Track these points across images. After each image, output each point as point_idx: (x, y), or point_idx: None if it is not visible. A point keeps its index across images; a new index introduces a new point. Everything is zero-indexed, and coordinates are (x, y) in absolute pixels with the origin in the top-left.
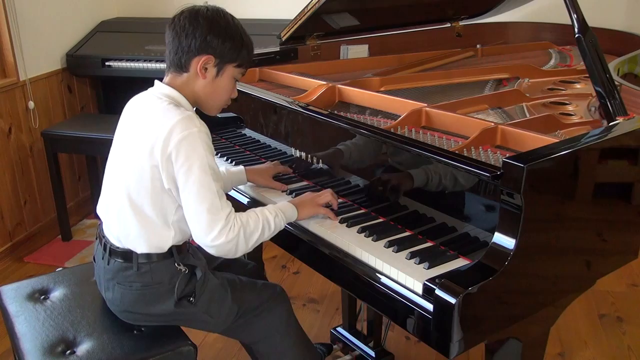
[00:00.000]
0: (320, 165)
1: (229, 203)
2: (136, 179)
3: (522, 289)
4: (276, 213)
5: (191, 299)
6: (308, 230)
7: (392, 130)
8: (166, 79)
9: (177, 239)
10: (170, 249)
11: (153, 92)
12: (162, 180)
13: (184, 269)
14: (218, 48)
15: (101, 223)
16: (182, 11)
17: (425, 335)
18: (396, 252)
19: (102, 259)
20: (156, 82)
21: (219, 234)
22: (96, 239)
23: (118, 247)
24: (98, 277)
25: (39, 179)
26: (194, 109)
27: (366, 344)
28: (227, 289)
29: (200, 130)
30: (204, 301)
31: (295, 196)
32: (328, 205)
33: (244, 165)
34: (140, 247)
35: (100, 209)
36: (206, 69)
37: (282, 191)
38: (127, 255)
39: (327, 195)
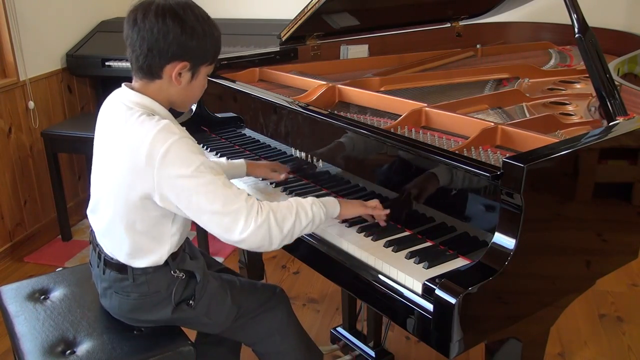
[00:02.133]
0: (321, 165)
1: (242, 189)
2: (123, 199)
3: (522, 289)
4: (313, 201)
5: (190, 302)
6: None
7: (392, 130)
8: (135, 84)
9: (173, 250)
10: (167, 258)
11: (123, 101)
12: (155, 200)
13: (181, 275)
14: (191, 52)
15: (94, 232)
16: (144, 9)
17: (425, 335)
18: (395, 251)
19: (98, 267)
20: (124, 86)
21: (245, 222)
22: (90, 243)
23: (112, 259)
24: (95, 282)
25: (39, 179)
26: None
27: (366, 344)
28: (226, 291)
29: (181, 137)
30: (203, 304)
31: (289, 193)
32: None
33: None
34: (134, 262)
35: (91, 219)
36: (180, 74)
37: (277, 184)
38: (122, 267)
39: (376, 202)
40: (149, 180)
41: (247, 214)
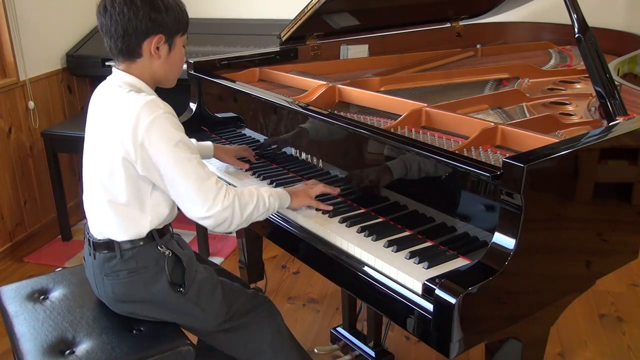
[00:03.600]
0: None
1: (213, 172)
2: (108, 171)
3: (522, 289)
4: (270, 193)
5: (180, 289)
6: (308, 230)
7: (392, 130)
8: (121, 66)
9: (155, 222)
10: (151, 233)
11: (113, 81)
12: (136, 168)
13: (167, 252)
14: (164, 24)
15: (87, 222)
16: None
17: (425, 335)
18: (395, 251)
19: (90, 255)
20: (114, 69)
21: (213, 202)
22: (84, 238)
23: (100, 240)
24: (89, 277)
25: (39, 179)
26: (155, 88)
27: (366, 344)
28: (216, 284)
29: (165, 112)
30: (193, 292)
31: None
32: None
33: (213, 143)
34: (119, 235)
35: (85, 205)
36: (158, 48)
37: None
38: (110, 245)
39: (319, 187)
40: (132, 149)
41: (215, 195)
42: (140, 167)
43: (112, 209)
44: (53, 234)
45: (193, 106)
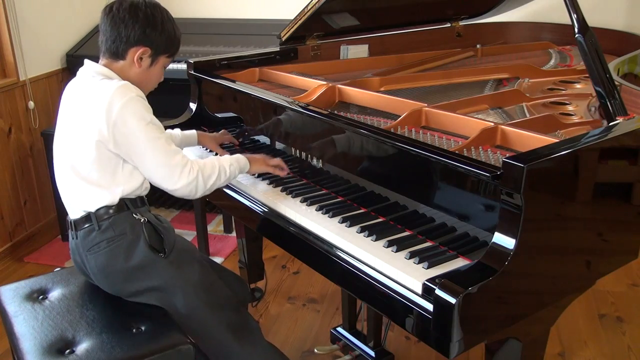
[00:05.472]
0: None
1: (179, 149)
2: (80, 153)
3: (522, 289)
4: (231, 162)
5: (161, 254)
6: (308, 230)
7: (392, 130)
8: (101, 61)
9: (126, 191)
10: (125, 202)
11: (86, 72)
12: (109, 147)
13: (142, 219)
14: (154, 41)
15: (68, 215)
16: (119, 3)
17: (425, 335)
18: (395, 251)
19: (73, 239)
20: (86, 61)
21: (180, 176)
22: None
23: (78, 217)
24: (76, 262)
25: (39, 179)
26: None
27: (366, 344)
28: (194, 256)
29: (137, 95)
30: (174, 257)
31: None
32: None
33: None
34: (94, 204)
35: (60, 190)
36: (142, 59)
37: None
38: (88, 218)
39: (277, 160)
40: (106, 129)
41: (181, 169)
42: (113, 145)
43: (85, 184)
44: (53, 234)
45: (193, 106)
